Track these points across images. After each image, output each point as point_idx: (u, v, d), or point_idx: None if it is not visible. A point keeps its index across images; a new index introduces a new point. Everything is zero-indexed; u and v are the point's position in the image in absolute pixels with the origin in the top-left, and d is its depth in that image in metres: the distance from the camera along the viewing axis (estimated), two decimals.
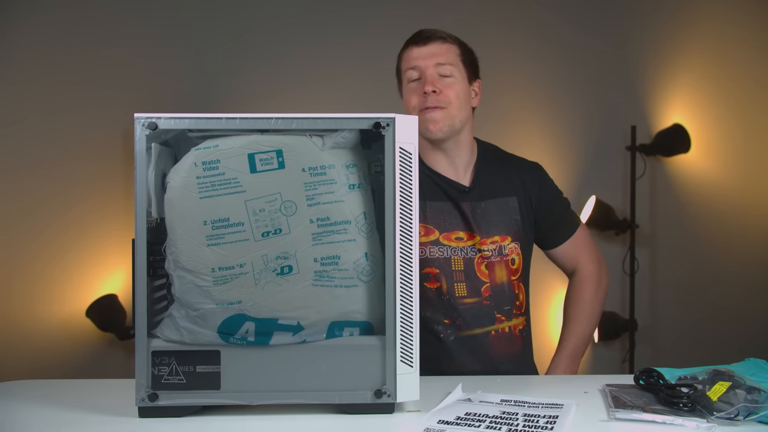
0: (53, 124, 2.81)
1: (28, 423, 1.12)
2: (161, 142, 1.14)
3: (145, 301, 1.10)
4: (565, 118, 3.08)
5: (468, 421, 1.08)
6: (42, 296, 2.79)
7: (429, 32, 1.57)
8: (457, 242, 1.56)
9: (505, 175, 1.62)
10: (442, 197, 1.58)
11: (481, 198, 1.58)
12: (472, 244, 1.56)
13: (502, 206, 1.59)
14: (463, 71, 1.57)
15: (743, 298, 3.09)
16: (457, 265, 1.55)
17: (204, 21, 3.06)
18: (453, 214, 1.57)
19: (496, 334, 1.55)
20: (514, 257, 1.58)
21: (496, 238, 1.57)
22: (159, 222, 1.14)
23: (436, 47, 1.55)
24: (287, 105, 2.96)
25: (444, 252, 1.55)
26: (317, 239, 1.12)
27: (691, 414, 1.07)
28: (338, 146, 1.13)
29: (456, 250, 1.56)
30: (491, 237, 1.57)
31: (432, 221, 1.56)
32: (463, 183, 1.59)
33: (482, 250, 1.55)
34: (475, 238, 1.56)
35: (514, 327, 1.58)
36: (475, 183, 1.60)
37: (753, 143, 3.12)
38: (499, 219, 1.58)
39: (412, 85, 1.56)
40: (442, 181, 1.59)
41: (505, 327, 1.57)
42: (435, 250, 1.55)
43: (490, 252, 1.56)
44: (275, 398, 1.12)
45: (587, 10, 3.15)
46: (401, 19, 3.08)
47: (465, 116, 1.57)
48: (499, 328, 1.56)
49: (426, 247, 1.55)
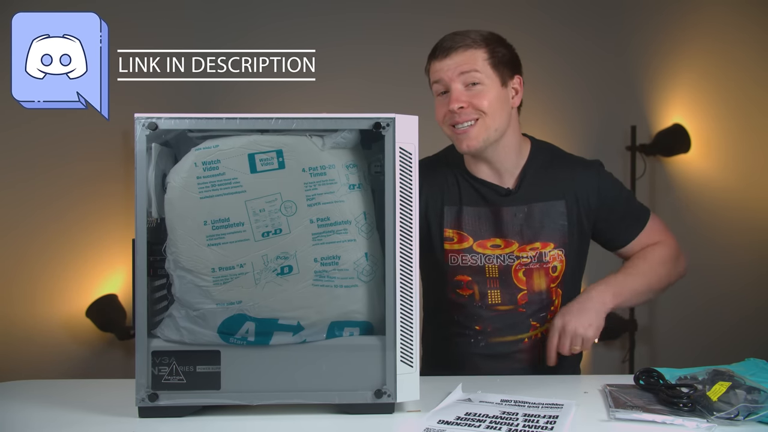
0: (53, 124, 2.81)
1: (28, 423, 1.12)
2: (161, 142, 1.15)
3: (145, 301, 1.10)
4: (566, 119, 3.08)
5: (468, 421, 1.08)
6: (42, 296, 2.79)
7: (450, 41, 1.46)
8: (493, 250, 1.50)
9: (556, 177, 1.52)
10: (479, 203, 1.51)
11: (526, 201, 1.50)
12: (510, 252, 1.50)
13: (547, 211, 1.50)
14: (493, 75, 1.45)
15: (743, 298, 3.09)
16: (491, 272, 1.50)
17: (205, 21, 3.06)
18: (490, 221, 1.51)
19: (529, 341, 1.52)
20: (556, 264, 1.51)
21: (537, 245, 1.50)
22: (159, 222, 1.14)
23: (458, 57, 1.44)
24: (287, 105, 2.96)
25: (477, 260, 1.50)
26: (317, 239, 1.12)
27: (691, 414, 1.07)
28: (338, 146, 1.13)
29: (491, 258, 1.50)
30: (531, 244, 1.49)
31: (467, 228, 1.51)
32: (506, 186, 1.52)
33: (520, 257, 1.49)
34: (513, 246, 1.49)
35: (545, 332, 1.52)
36: (519, 186, 1.51)
37: (753, 143, 3.11)
38: (542, 224, 1.50)
39: (440, 98, 1.48)
40: (482, 185, 1.52)
41: (538, 333, 1.52)
42: (468, 258, 1.50)
43: (528, 259, 1.49)
44: (275, 398, 1.12)
45: (588, 11, 3.15)
46: (401, 21, 3.09)
47: (503, 122, 1.47)
48: (532, 335, 1.52)
49: (458, 254, 1.50)
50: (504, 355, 1.52)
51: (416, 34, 3.11)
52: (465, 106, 1.43)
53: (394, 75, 2.96)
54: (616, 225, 1.55)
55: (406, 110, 1.13)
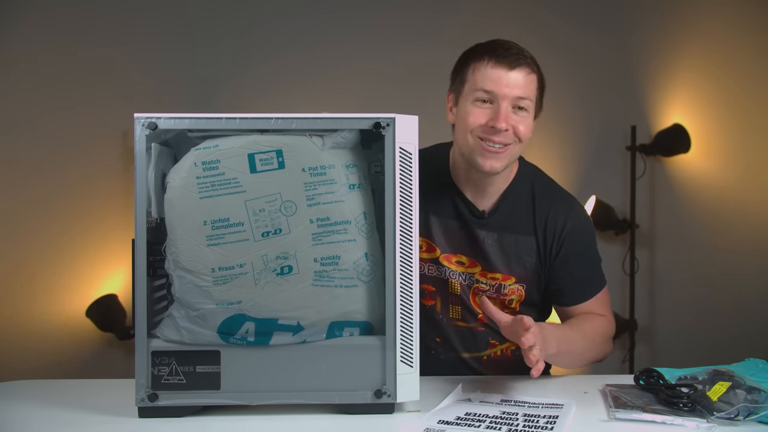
0: (53, 124, 2.81)
1: (28, 423, 1.12)
2: (161, 142, 1.15)
3: (145, 301, 1.10)
4: (566, 119, 3.08)
5: (468, 421, 1.08)
6: (42, 296, 2.79)
7: (517, 54, 1.36)
8: (458, 266, 1.46)
9: (532, 210, 1.45)
10: (453, 216, 1.46)
11: (497, 229, 1.44)
12: (472, 273, 1.45)
13: (517, 243, 1.44)
14: (536, 106, 1.40)
15: (743, 298, 3.08)
16: (454, 288, 1.46)
17: (205, 20, 3.06)
18: (460, 237, 1.45)
19: (488, 359, 1.49)
20: (512, 298, 1.45)
21: (498, 276, 1.44)
22: (159, 222, 1.14)
23: (521, 77, 1.35)
24: (288, 105, 2.96)
25: (442, 273, 1.46)
26: (317, 239, 1.12)
27: (691, 414, 1.07)
28: (338, 146, 1.13)
29: (455, 274, 1.45)
30: (493, 273, 1.44)
31: (436, 239, 1.46)
32: (481, 208, 1.45)
33: (479, 282, 1.45)
34: (476, 268, 1.45)
35: (506, 349, 1.50)
36: (494, 211, 1.45)
37: (753, 143, 3.11)
38: (510, 257, 1.44)
39: (480, 105, 1.36)
40: (460, 200, 1.46)
41: (498, 351, 1.49)
42: (433, 269, 1.46)
43: (487, 287, 1.45)
44: (275, 398, 1.12)
45: (588, 11, 3.15)
46: (404, 20, 3.09)
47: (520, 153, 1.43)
48: (491, 352, 1.49)
49: (425, 263, 1.46)
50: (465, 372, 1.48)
51: (416, 34, 3.13)
52: (509, 129, 1.35)
53: (394, 75, 2.97)
54: (570, 282, 1.46)
55: (406, 110, 1.13)
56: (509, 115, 1.35)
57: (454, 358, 1.49)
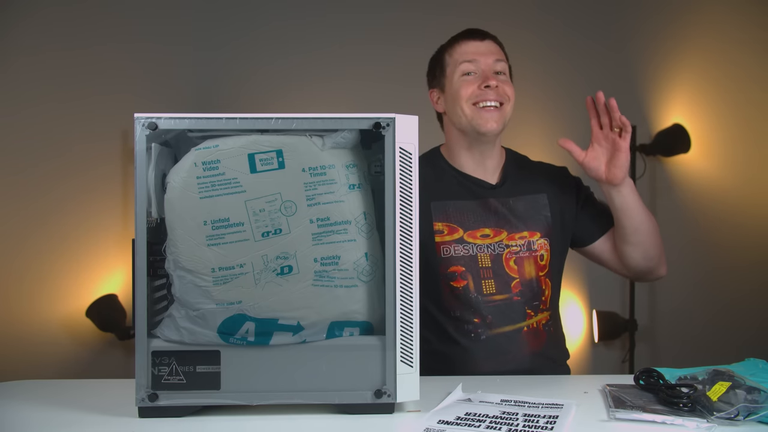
0: (53, 124, 2.81)
1: (28, 423, 1.12)
2: (161, 142, 1.15)
3: (145, 301, 1.10)
4: (566, 119, 3.08)
5: (468, 421, 1.08)
6: (42, 296, 2.79)
7: (481, 30, 1.59)
8: (483, 239, 1.53)
9: (534, 174, 1.63)
10: (466, 196, 1.56)
11: (510, 194, 1.57)
12: (500, 240, 1.53)
13: (531, 202, 1.57)
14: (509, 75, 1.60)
15: (743, 297, 3.09)
16: (484, 262, 1.52)
17: (206, 21, 3.06)
18: (477, 213, 1.55)
19: (528, 330, 1.53)
20: (542, 253, 1.56)
21: (525, 234, 1.55)
22: (159, 222, 1.14)
23: (492, 45, 1.57)
24: (288, 105, 2.96)
25: (469, 249, 1.52)
26: (317, 239, 1.12)
27: (691, 414, 1.07)
28: (338, 146, 1.13)
29: (482, 248, 1.53)
30: (520, 232, 1.55)
31: (455, 220, 1.54)
32: (490, 181, 1.59)
33: (510, 246, 1.53)
34: (502, 234, 1.54)
35: (539, 322, 1.56)
36: (503, 181, 1.59)
37: (753, 143, 3.12)
38: (528, 215, 1.56)
39: (467, 77, 1.54)
40: (468, 180, 1.58)
41: (533, 323, 1.55)
42: (460, 248, 1.52)
43: (518, 247, 1.53)
44: (275, 398, 1.12)
45: (587, 11, 3.15)
46: (402, 21, 3.09)
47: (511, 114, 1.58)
48: (530, 323, 1.54)
49: (450, 245, 1.52)
50: (507, 347, 1.52)
51: (417, 34, 3.12)
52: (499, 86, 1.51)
53: (394, 75, 2.96)
54: (588, 220, 1.63)
55: (405, 110, 1.13)
56: (494, 76, 1.52)
57: (495, 335, 1.52)
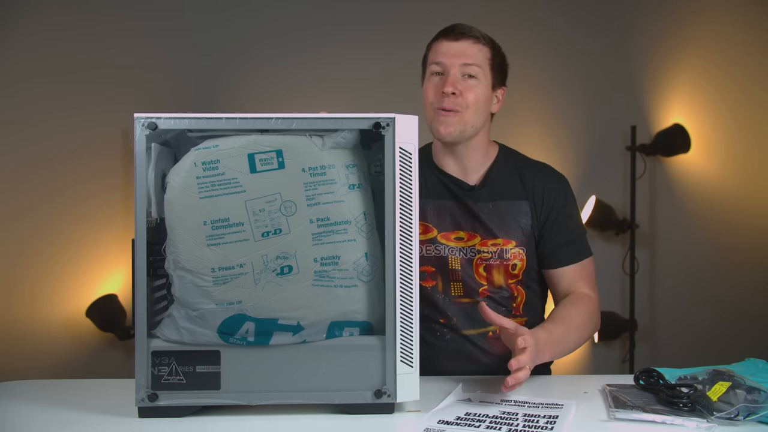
0: (53, 124, 2.81)
1: (28, 423, 1.12)
2: (161, 142, 1.15)
3: (145, 301, 1.10)
4: (566, 118, 3.08)
5: (468, 421, 1.08)
6: (42, 296, 2.79)
7: (463, 28, 1.50)
8: (457, 242, 1.53)
9: (520, 179, 1.54)
10: (445, 196, 1.54)
11: (491, 198, 1.53)
12: (472, 245, 1.52)
13: (511, 209, 1.52)
14: (488, 76, 1.50)
15: (743, 297, 3.09)
16: (454, 264, 1.52)
17: (205, 21, 3.06)
18: (455, 214, 1.53)
19: (493, 335, 1.52)
20: (516, 262, 1.51)
21: (498, 241, 1.51)
22: (159, 222, 1.14)
23: (467, 45, 1.48)
24: (288, 105, 2.96)
25: (441, 250, 1.52)
26: (317, 239, 1.12)
27: (691, 414, 1.07)
28: (338, 146, 1.13)
29: (454, 250, 1.52)
30: (493, 239, 1.51)
31: (431, 219, 1.54)
32: (469, 183, 1.54)
33: (482, 252, 1.52)
34: (475, 239, 1.52)
35: None
36: (483, 183, 1.54)
37: (753, 143, 3.12)
38: (505, 222, 1.51)
39: (434, 78, 1.50)
40: (448, 179, 1.55)
41: None
42: (431, 249, 1.53)
43: (489, 254, 1.51)
44: (275, 398, 1.12)
45: (588, 10, 3.15)
46: (403, 20, 3.09)
47: (480, 122, 1.50)
48: (495, 328, 1.50)
49: (423, 245, 1.53)
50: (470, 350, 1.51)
51: (417, 33, 3.10)
52: (457, 94, 1.46)
53: (394, 74, 2.96)
54: (558, 243, 1.52)
55: (405, 110, 1.14)
56: (457, 81, 1.47)
57: (459, 337, 1.52)
